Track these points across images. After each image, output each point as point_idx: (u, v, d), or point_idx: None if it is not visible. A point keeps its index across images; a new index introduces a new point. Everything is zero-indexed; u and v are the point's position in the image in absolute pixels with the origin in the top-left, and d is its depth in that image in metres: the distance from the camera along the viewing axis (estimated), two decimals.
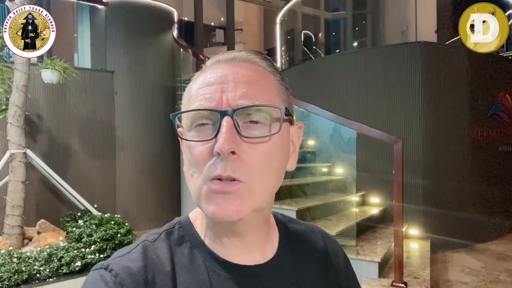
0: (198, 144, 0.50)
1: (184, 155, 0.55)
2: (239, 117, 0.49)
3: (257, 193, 0.50)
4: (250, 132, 0.49)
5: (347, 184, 4.47)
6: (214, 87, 0.51)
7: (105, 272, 0.50)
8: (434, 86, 4.75)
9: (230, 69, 0.52)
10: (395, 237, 3.03)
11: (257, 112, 0.50)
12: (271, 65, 0.56)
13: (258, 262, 0.56)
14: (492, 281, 3.75)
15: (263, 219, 0.57)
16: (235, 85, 0.50)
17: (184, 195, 5.77)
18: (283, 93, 0.55)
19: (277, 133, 0.50)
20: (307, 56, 8.46)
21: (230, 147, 0.46)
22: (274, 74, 0.56)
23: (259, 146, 0.49)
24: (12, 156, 3.89)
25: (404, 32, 7.52)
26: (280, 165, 0.53)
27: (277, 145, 0.51)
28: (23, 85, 3.88)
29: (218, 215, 0.48)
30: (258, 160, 0.49)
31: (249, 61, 0.54)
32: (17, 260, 3.24)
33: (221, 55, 0.55)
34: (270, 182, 0.52)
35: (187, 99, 0.55)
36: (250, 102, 0.49)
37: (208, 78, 0.52)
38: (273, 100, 0.53)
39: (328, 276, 0.63)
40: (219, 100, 0.49)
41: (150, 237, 0.57)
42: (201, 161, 0.49)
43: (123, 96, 5.70)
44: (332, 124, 4.28)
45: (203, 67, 0.56)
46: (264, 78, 0.53)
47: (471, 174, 5.00)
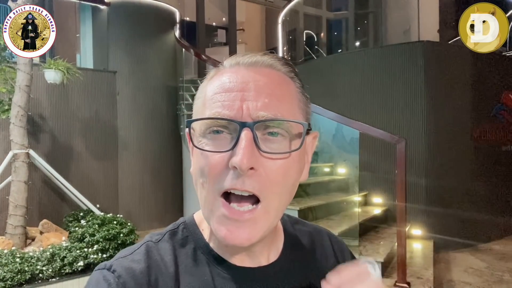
0: (212, 154, 0.48)
1: (194, 159, 0.53)
2: (259, 128, 0.47)
3: (272, 212, 0.49)
4: (269, 145, 0.47)
5: (349, 184, 4.46)
6: (234, 94, 0.48)
7: (108, 273, 0.50)
8: (437, 85, 4.74)
9: (251, 76, 0.49)
10: (398, 237, 3.02)
11: (278, 125, 0.48)
12: (292, 71, 0.54)
13: (262, 264, 0.55)
14: (496, 281, 3.73)
15: (271, 231, 0.56)
16: (257, 94, 0.48)
17: (187, 195, 5.77)
18: (302, 102, 0.54)
19: (298, 150, 0.49)
20: (309, 56, 8.45)
21: (250, 163, 0.45)
22: (295, 80, 0.54)
23: (278, 161, 0.47)
24: (14, 156, 3.89)
25: (406, 32, 7.49)
26: (296, 180, 0.52)
27: (295, 160, 0.50)
28: (26, 85, 3.88)
29: (229, 241, 0.47)
30: (276, 176, 0.47)
31: (271, 67, 0.52)
32: (20, 260, 3.24)
33: (241, 56, 0.52)
34: (285, 198, 0.51)
35: (201, 102, 0.52)
36: (271, 114, 0.47)
37: (227, 84, 0.49)
38: (294, 112, 0.51)
39: None
40: (238, 109, 0.47)
41: (154, 237, 0.56)
42: (214, 172, 0.47)
43: (126, 96, 5.71)
44: (334, 124, 4.26)
45: (220, 66, 0.53)
46: (286, 87, 0.51)
47: (474, 173, 4.98)
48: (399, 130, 4.55)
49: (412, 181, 4.31)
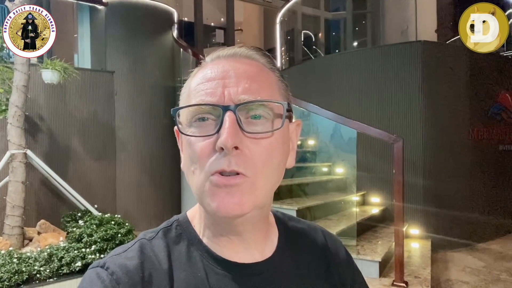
0: (199, 139, 0.50)
1: (183, 151, 0.55)
2: (241, 112, 0.49)
3: (259, 188, 0.50)
4: (253, 128, 0.49)
5: (347, 183, 4.47)
6: (216, 82, 0.50)
7: (102, 270, 0.50)
8: (435, 85, 4.75)
9: (231, 65, 0.52)
10: (396, 237, 3.03)
11: (259, 107, 0.50)
12: (270, 61, 0.56)
13: (256, 260, 0.56)
14: (493, 281, 3.75)
15: (263, 216, 0.56)
16: (237, 80, 0.50)
17: (185, 195, 5.77)
18: (283, 89, 0.56)
19: (279, 129, 0.50)
20: (307, 56, 8.46)
21: (234, 141, 0.46)
22: (274, 71, 0.56)
23: (262, 141, 0.49)
24: (12, 156, 3.88)
25: (404, 32, 7.51)
26: (281, 161, 0.53)
27: (278, 141, 0.51)
28: (23, 86, 3.87)
29: (222, 209, 0.48)
30: (260, 155, 0.49)
31: (250, 57, 0.54)
32: (17, 261, 3.23)
33: (221, 50, 0.55)
34: (272, 178, 0.52)
35: (186, 95, 0.54)
36: (252, 97, 0.49)
37: (209, 74, 0.52)
38: (275, 96, 0.53)
39: (329, 274, 0.63)
40: (221, 95, 0.49)
41: (148, 235, 0.56)
42: (203, 157, 0.49)
43: (123, 97, 5.70)
44: (332, 124, 4.27)
45: (202, 62, 0.56)
46: (265, 74, 0.54)
47: (471, 173, 4.99)
48: (396, 130, 4.56)
49: (409, 180, 4.32)
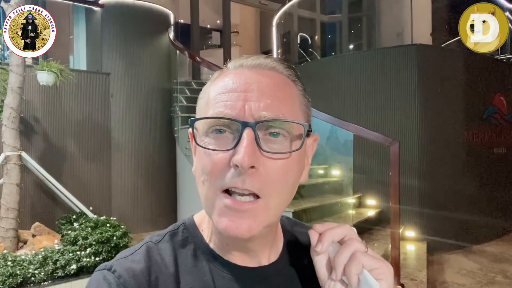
0: (214, 152, 0.48)
1: (196, 158, 0.53)
2: (260, 129, 0.48)
3: (272, 209, 0.49)
4: (271, 146, 0.48)
5: (343, 186, 4.47)
6: (237, 95, 0.49)
7: (108, 273, 0.50)
8: (430, 88, 4.78)
9: (254, 77, 0.50)
10: (392, 239, 3.03)
11: (280, 126, 0.48)
12: (294, 74, 0.54)
13: (262, 264, 0.56)
14: (488, 283, 3.76)
15: (272, 230, 0.56)
16: (259, 95, 0.48)
17: (181, 197, 5.74)
18: (304, 105, 0.54)
19: (298, 150, 0.50)
20: (303, 58, 8.48)
21: (251, 161, 0.45)
22: (296, 83, 0.54)
23: (278, 161, 0.48)
24: (6, 158, 3.85)
25: (399, 35, 7.55)
26: (295, 180, 0.52)
27: (295, 161, 0.50)
28: (18, 87, 3.85)
29: (230, 232, 0.48)
30: (276, 175, 0.48)
31: (274, 69, 0.53)
32: (12, 263, 3.20)
33: (245, 59, 0.53)
34: (285, 197, 0.51)
35: (205, 102, 0.53)
36: (273, 115, 0.48)
37: (231, 84, 0.50)
38: (296, 113, 0.52)
39: None
40: (241, 109, 0.48)
41: (154, 238, 0.56)
42: (215, 171, 0.48)
43: (119, 98, 5.68)
44: (328, 126, 4.27)
45: (223, 69, 0.54)
46: (288, 89, 0.52)
47: (467, 176, 5.02)
48: (393, 132, 4.58)
49: (405, 183, 4.33)
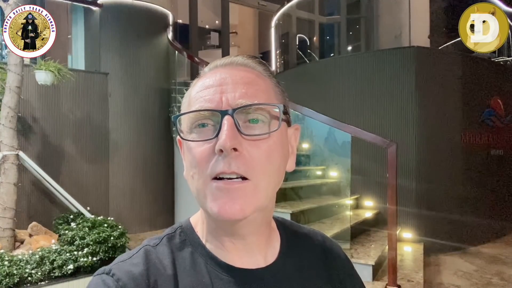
0: (199, 144, 0.51)
1: (185, 158, 0.55)
2: (239, 116, 0.50)
3: (262, 190, 0.51)
4: (251, 131, 0.50)
5: (341, 187, 4.48)
6: (214, 89, 0.52)
7: (107, 277, 0.50)
8: (428, 90, 4.79)
9: (228, 72, 0.54)
10: (389, 240, 3.04)
11: (256, 111, 0.51)
12: (266, 69, 0.57)
13: (260, 265, 0.56)
14: (485, 284, 3.78)
15: (265, 220, 0.57)
16: (234, 86, 0.52)
17: (178, 198, 5.74)
18: (279, 95, 0.57)
19: (277, 130, 0.52)
20: (302, 59, 8.50)
21: (233, 143, 0.47)
22: (270, 77, 0.57)
23: (260, 143, 0.50)
24: (4, 158, 3.84)
25: (397, 37, 7.58)
26: (280, 163, 0.54)
27: (277, 143, 0.52)
28: (16, 87, 3.84)
29: (224, 214, 0.49)
30: (260, 157, 0.50)
31: (246, 65, 0.56)
32: (9, 263, 3.19)
33: (218, 60, 0.57)
34: (273, 179, 0.53)
35: (187, 103, 0.56)
36: (249, 101, 0.50)
37: (207, 82, 0.54)
38: (271, 100, 0.54)
39: (330, 280, 0.63)
40: (219, 101, 0.51)
41: (152, 241, 0.57)
42: (202, 161, 0.50)
43: (117, 98, 5.68)
44: (326, 128, 4.29)
45: (201, 73, 0.58)
46: (261, 81, 0.55)
47: (464, 177, 5.04)
48: (390, 134, 4.60)
49: (403, 184, 4.35)
